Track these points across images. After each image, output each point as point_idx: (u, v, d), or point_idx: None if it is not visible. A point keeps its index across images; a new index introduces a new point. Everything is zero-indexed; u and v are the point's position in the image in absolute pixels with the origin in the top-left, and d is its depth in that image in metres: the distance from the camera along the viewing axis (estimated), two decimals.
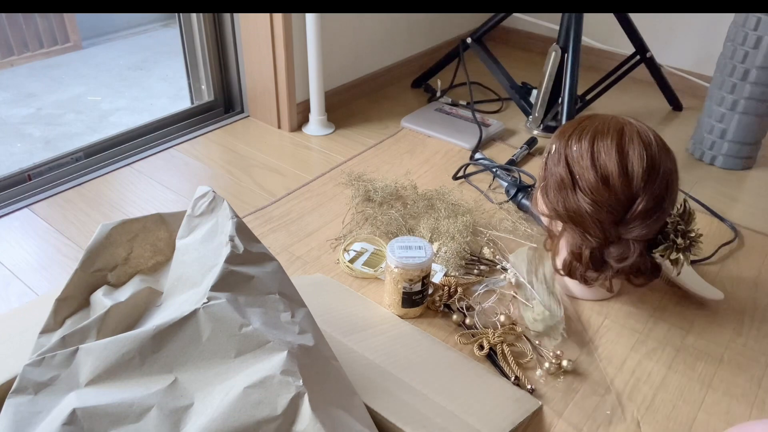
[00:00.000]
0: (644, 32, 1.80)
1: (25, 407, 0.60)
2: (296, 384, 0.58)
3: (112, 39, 2.94)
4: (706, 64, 1.78)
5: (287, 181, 1.34)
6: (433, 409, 0.77)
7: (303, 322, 0.67)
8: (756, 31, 1.28)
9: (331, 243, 1.14)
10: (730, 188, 1.36)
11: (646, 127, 0.90)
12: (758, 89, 1.32)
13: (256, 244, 0.70)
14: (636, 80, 1.85)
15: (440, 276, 1.03)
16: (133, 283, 0.74)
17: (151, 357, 0.60)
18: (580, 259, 0.92)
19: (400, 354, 0.86)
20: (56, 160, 1.33)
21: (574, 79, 1.44)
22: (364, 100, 1.73)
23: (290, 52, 1.44)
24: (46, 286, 1.03)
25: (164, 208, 1.23)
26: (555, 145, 0.94)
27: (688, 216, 0.92)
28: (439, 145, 1.49)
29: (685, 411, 0.84)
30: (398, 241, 0.94)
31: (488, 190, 1.31)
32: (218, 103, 1.62)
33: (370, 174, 1.36)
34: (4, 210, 1.20)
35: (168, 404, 0.59)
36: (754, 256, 1.14)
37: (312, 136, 1.53)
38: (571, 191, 0.90)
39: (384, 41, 1.74)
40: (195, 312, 0.61)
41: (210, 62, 1.55)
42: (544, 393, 0.85)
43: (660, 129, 1.62)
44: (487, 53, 1.63)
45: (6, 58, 2.58)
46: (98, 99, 2.32)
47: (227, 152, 1.44)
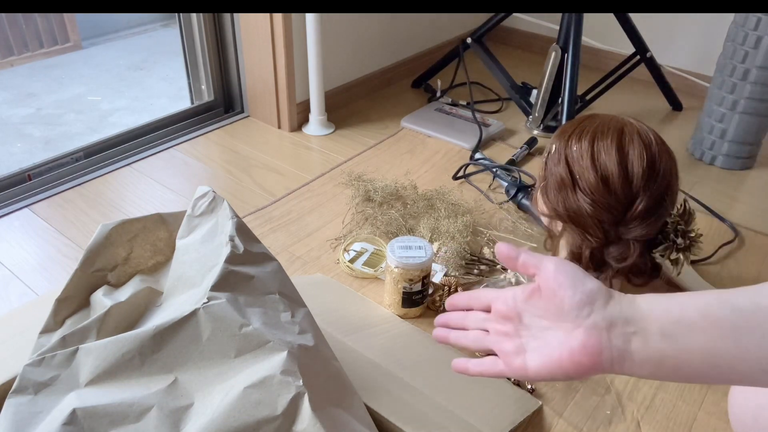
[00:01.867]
0: (644, 32, 1.79)
1: (25, 407, 0.60)
2: (296, 384, 0.58)
3: (112, 39, 2.94)
4: (706, 64, 1.78)
5: (287, 181, 1.34)
6: (433, 409, 0.77)
7: (303, 322, 0.67)
8: (756, 31, 1.28)
9: (331, 243, 1.14)
10: (730, 188, 1.36)
11: (646, 127, 0.90)
12: (758, 89, 1.32)
13: (256, 244, 0.70)
14: (636, 80, 1.85)
15: (440, 276, 1.03)
16: (133, 283, 0.74)
17: (151, 357, 0.60)
18: (580, 259, 0.92)
19: (401, 354, 0.86)
20: (56, 160, 1.33)
21: (574, 79, 1.44)
22: (364, 100, 1.73)
23: (290, 52, 1.44)
24: (46, 286, 1.03)
25: (164, 208, 1.23)
26: (555, 145, 0.94)
27: (688, 216, 0.92)
28: (439, 145, 1.49)
29: (685, 411, 0.84)
30: (398, 241, 0.94)
31: (488, 190, 1.31)
32: (218, 103, 1.62)
33: (370, 174, 1.36)
34: (4, 210, 1.20)
35: (168, 404, 0.59)
36: (754, 256, 1.14)
37: (312, 136, 1.53)
38: (571, 191, 0.90)
39: (384, 41, 1.74)
40: (195, 312, 0.61)
41: (210, 62, 1.55)
42: (544, 393, 0.85)
43: (660, 129, 1.62)
44: (487, 53, 1.63)
45: (6, 58, 2.58)
46: (98, 99, 2.32)
47: (227, 152, 1.44)
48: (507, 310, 0.54)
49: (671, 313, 0.47)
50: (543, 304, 0.52)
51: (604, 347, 0.47)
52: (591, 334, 0.48)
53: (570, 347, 0.49)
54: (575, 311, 0.49)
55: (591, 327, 0.48)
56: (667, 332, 0.46)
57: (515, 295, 0.54)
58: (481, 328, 0.57)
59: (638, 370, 0.47)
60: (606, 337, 0.47)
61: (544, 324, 0.52)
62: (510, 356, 0.53)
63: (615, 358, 0.47)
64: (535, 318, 0.52)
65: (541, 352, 0.51)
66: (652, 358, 0.46)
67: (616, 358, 0.47)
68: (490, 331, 0.55)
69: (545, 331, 0.51)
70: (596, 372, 0.48)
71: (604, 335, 0.48)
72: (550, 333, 0.51)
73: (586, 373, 0.49)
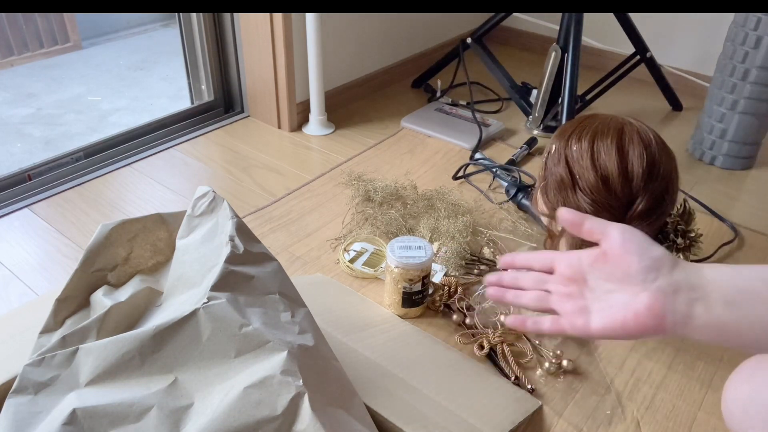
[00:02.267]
0: (644, 32, 1.79)
1: (25, 407, 0.60)
2: (296, 384, 0.58)
3: (112, 39, 2.94)
4: (706, 64, 1.78)
5: (287, 181, 1.34)
6: (434, 409, 0.77)
7: (303, 322, 0.67)
8: (756, 31, 1.28)
9: (331, 243, 1.14)
10: (730, 188, 1.36)
11: (646, 127, 0.90)
12: (758, 89, 1.32)
13: (256, 244, 0.70)
14: (636, 80, 1.85)
15: (440, 276, 1.03)
16: (133, 283, 0.74)
17: (151, 357, 0.60)
18: None
19: (401, 354, 0.86)
20: (56, 160, 1.33)
21: (574, 79, 1.44)
22: (364, 100, 1.73)
23: (290, 52, 1.44)
24: (46, 286, 1.03)
25: (164, 208, 1.23)
26: (555, 145, 0.94)
27: (688, 216, 0.92)
28: (439, 145, 1.49)
29: (685, 411, 0.84)
30: (398, 241, 0.94)
31: (488, 190, 1.31)
32: (218, 103, 1.62)
33: (370, 174, 1.36)
34: (4, 210, 1.20)
35: (168, 404, 0.59)
36: (754, 256, 1.14)
37: (312, 136, 1.53)
38: (571, 191, 0.90)
39: (384, 41, 1.74)
40: (195, 312, 0.61)
41: (210, 62, 1.55)
42: (544, 393, 0.85)
43: (660, 129, 1.62)
44: (487, 53, 1.63)
45: (6, 58, 2.58)
46: (98, 99, 2.32)
47: (227, 152, 1.44)
48: (572, 272, 0.56)
49: (736, 281, 0.49)
50: (609, 268, 0.54)
51: (668, 310, 0.49)
52: (657, 297, 0.50)
53: (635, 309, 0.50)
54: (642, 275, 0.51)
55: (657, 290, 0.50)
56: (731, 300, 0.48)
57: (580, 258, 0.56)
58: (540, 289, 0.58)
59: (699, 335, 0.49)
60: (671, 301, 0.49)
61: (609, 287, 0.53)
62: (573, 316, 0.55)
63: (678, 322, 0.49)
64: (600, 281, 0.54)
65: (605, 312, 0.53)
66: (714, 324, 0.48)
67: (679, 322, 0.49)
68: (553, 291, 0.57)
69: (610, 294, 0.53)
70: (658, 334, 0.50)
71: (669, 299, 0.49)
72: (615, 295, 0.53)
73: (648, 334, 0.50)
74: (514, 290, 0.60)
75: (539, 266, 0.60)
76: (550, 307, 0.57)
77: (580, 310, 0.55)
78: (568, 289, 0.56)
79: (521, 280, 0.60)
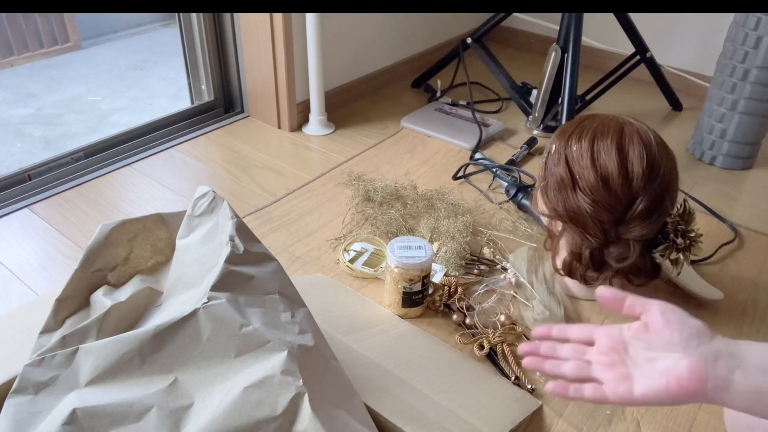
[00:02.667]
0: (644, 32, 1.80)
1: (25, 407, 0.60)
2: (296, 384, 0.58)
3: (112, 39, 2.94)
4: (706, 64, 1.78)
5: (287, 181, 1.34)
6: (434, 409, 0.77)
7: (303, 322, 0.67)
8: (756, 31, 1.28)
9: (331, 243, 1.14)
10: (730, 188, 1.36)
11: (646, 127, 0.90)
12: (758, 89, 1.32)
13: (256, 244, 0.70)
14: (636, 80, 1.85)
15: (440, 276, 1.03)
16: (133, 283, 0.74)
17: (151, 357, 0.60)
18: (580, 259, 0.93)
19: (401, 354, 0.86)
20: (56, 160, 1.33)
21: (574, 79, 1.44)
22: (364, 100, 1.73)
23: (290, 52, 1.44)
24: (46, 286, 1.03)
25: (164, 208, 1.23)
26: (555, 145, 0.94)
27: (688, 216, 0.92)
28: (439, 145, 1.49)
29: (685, 411, 0.84)
30: (398, 241, 0.94)
31: (488, 190, 1.31)
32: (218, 103, 1.62)
33: (370, 174, 1.36)
34: (4, 210, 1.20)
35: (168, 404, 0.59)
36: (754, 256, 1.14)
37: (312, 136, 1.53)
38: (571, 191, 0.90)
39: (384, 41, 1.74)
40: (195, 312, 0.61)
41: (210, 62, 1.55)
42: (544, 393, 0.85)
43: (660, 129, 1.62)
44: (487, 53, 1.63)
45: (6, 58, 2.58)
46: (98, 99, 2.32)
47: (227, 152, 1.44)
48: (613, 343, 0.59)
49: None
50: (650, 338, 0.56)
51: (710, 375, 0.52)
52: (699, 362, 0.52)
53: (678, 373, 0.53)
54: (684, 342, 0.54)
55: (699, 356, 0.53)
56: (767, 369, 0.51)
57: (621, 330, 0.59)
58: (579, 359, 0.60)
59: (738, 401, 0.52)
60: (712, 366, 0.52)
61: (651, 355, 0.56)
62: (615, 383, 0.57)
63: (719, 386, 0.52)
64: (641, 350, 0.57)
65: (648, 378, 0.55)
66: (753, 391, 0.51)
67: (720, 387, 0.52)
68: (593, 362, 0.59)
69: (652, 361, 0.56)
70: (699, 398, 0.53)
71: (710, 364, 0.52)
72: (658, 362, 0.55)
73: (690, 398, 0.53)
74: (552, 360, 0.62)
75: (577, 337, 0.62)
76: (591, 376, 0.59)
77: (622, 377, 0.57)
78: (610, 358, 0.58)
79: (560, 351, 0.62)
